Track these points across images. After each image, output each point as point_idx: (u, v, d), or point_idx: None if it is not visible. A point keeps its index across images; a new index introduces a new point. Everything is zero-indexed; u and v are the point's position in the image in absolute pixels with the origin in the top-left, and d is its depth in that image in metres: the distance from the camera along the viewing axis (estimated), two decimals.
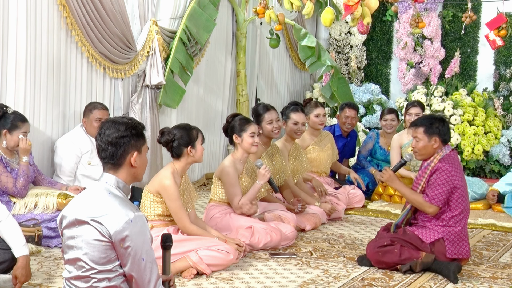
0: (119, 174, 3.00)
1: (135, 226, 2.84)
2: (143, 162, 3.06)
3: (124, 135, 2.97)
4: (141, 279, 2.87)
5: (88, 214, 2.88)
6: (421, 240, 4.64)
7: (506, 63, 9.73)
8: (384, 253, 4.64)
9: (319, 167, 6.72)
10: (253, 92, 8.98)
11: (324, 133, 6.85)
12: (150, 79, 6.84)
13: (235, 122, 5.19)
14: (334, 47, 10.40)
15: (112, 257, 2.87)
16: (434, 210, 4.66)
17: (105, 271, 2.87)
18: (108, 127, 2.99)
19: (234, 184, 5.11)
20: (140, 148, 3.03)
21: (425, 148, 4.72)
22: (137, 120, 3.10)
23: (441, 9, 9.98)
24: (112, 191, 2.94)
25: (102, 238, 2.84)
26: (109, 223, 2.83)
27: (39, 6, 5.70)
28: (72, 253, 2.93)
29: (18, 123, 5.03)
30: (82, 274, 2.89)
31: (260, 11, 6.61)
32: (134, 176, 3.05)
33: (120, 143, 2.96)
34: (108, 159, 2.98)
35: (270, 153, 5.87)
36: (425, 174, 4.71)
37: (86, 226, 2.87)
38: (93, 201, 2.92)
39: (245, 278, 4.41)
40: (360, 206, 6.86)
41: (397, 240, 4.66)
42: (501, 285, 4.45)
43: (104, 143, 2.97)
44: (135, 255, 2.84)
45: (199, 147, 4.61)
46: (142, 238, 2.86)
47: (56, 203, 5.08)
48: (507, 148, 9.05)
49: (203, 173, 8.18)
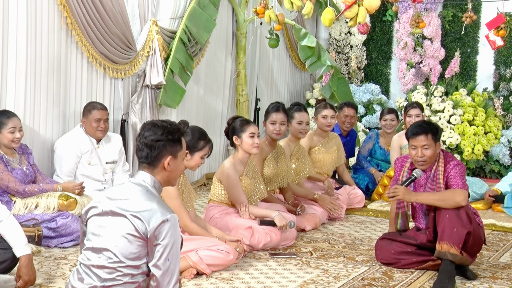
0: (155, 175, 3.09)
1: (170, 226, 2.91)
2: (178, 167, 3.13)
3: (160, 139, 3.06)
4: (162, 278, 2.93)
5: (126, 207, 2.95)
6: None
7: (506, 63, 9.74)
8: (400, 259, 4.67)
9: (322, 169, 6.71)
10: (253, 92, 8.97)
11: (332, 135, 6.84)
12: (150, 79, 6.84)
13: (235, 123, 5.19)
14: (334, 47, 10.40)
15: (142, 254, 2.93)
16: (465, 197, 4.43)
17: (132, 267, 2.93)
18: (147, 129, 3.09)
19: (235, 187, 5.10)
20: (176, 153, 3.10)
21: (434, 155, 4.57)
22: (178, 126, 3.17)
23: (441, 9, 9.98)
24: (150, 189, 3.03)
25: (136, 234, 2.91)
26: (147, 219, 2.90)
27: (39, 6, 5.70)
28: (99, 242, 2.97)
29: (4, 120, 5.00)
30: (109, 264, 2.93)
31: (260, 11, 6.61)
32: (168, 180, 3.13)
33: (155, 146, 3.05)
34: (143, 159, 3.09)
35: (275, 155, 5.86)
36: (438, 179, 4.57)
37: (122, 219, 2.94)
38: (132, 196, 2.99)
39: (245, 278, 4.41)
40: (361, 206, 6.86)
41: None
42: (501, 285, 4.45)
43: (141, 144, 3.08)
44: (162, 254, 2.91)
45: (196, 158, 4.59)
46: (173, 239, 2.93)
47: (57, 204, 5.07)
48: (507, 148, 9.05)
49: (203, 173, 8.18)
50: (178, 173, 3.16)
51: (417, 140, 4.54)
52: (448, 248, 4.32)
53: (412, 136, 4.59)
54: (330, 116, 6.60)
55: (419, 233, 4.68)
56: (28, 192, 5.05)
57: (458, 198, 4.42)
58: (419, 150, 4.55)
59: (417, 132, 4.57)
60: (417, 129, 4.59)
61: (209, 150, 4.65)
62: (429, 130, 4.55)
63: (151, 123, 3.13)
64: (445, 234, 4.36)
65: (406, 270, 4.68)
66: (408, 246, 4.68)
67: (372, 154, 7.58)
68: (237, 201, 5.12)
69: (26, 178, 5.15)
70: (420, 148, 4.54)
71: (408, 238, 4.71)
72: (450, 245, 4.32)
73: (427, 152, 4.53)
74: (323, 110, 6.62)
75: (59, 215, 5.04)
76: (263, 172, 5.71)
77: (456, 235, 4.33)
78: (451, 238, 4.33)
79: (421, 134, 4.54)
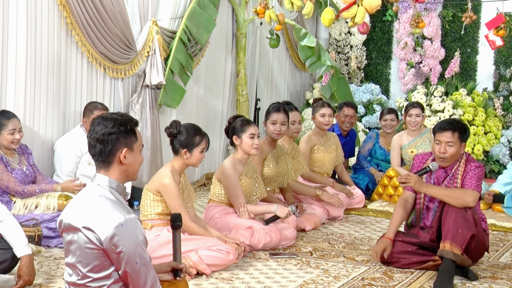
0: (111, 173, 2.91)
1: (125, 230, 2.74)
2: (136, 159, 2.94)
3: (111, 131, 2.86)
4: (137, 281, 2.80)
5: (79, 221, 2.80)
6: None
7: (506, 63, 9.73)
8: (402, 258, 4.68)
9: (322, 168, 6.72)
10: (253, 92, 8.97)
11: (330, 135, 6.85)
12: (150, 79, 6.84)
13: (236, 123, 5.19)
14: (334, 47, 10.40)
15: (106, 264, 2.80)
16: (475, 198, 4.42)
17: (101, 279, 2.81)
18: (97, 123, 2.89)
19: (235, 187, 5.11)
20: (131, 145, 2.91)
21: (457, 154, 4.55)
22: (129, 116, 2.97)
23: (441, 9, 9.98)
24: (104, 193, 2.85)
25: (93, 246, 2.76)
26: (99, 229, 2.74)
27: (39, 6, 5.70)
28: (71, 258, 2.88)
29: (3, 121, 5.01)
30: (78, 281, 2.84)
31: (260, 11, 6.61)
32: (126, 175, 2.94)
33: (108, 140, 2.86)
34: (98, 156, 2.90)
35: (275, 155, 5.87)
36: (456, 179, 4.58)
37: (79, 234, 2.80)
38: (85, 206, 2.84)
39: (245, 278, 4.41)
40: (361, 206, 6.86)
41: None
42: (501, 285, 4.45)
43: (93, 140, 2.89)
44: (128, 259, 2.76)
45: (196, 153, 4.59)
46: (133, 241, 2.76)
47: (57, 204, 5.08)
48: (507, 148, 9.05)
49: (203, 173, 8.18)
50: (137, 166, 2.95)
51: (443, 135, 4.54)
52: (451, 247, 4.33)
53: (439, 130, 4.59)
54: (328, 114, 6.60)
55: (422, 232, 4.68)
56: (27, 192, 5.05)
57: (468, 199, 4.43)
58: (442, 145, 4.55)
59: (444, 127, 4.56)
60: (445, 124, 4.60)
61: (207, 144, 4.63)
62: (456, 128, 4.54)
63: (101, 117, 2.91)
64: (449, 233, 4.36)
65: (406, 270, 4.68)
66: (409, 246, 4.68)
67: (372, 154, 7.58)
68: (235, 201, 5.12)
69: (26, 178, 5.15)
70: (444, 144, 4.54)
71: (411, 236, 4.71)
72: (453, 245, 4.33)
73: (450, 149, 4.52)
74: (320, 108, 6.63)
75: (59, 215, 5.01)
76: (263, 172, 5.71)
77: (460, 236, 4.34)
78: (456, 238, 4.34)
79: (448, 130, 4.53)
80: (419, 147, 6.98)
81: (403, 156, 7.11)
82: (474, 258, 4.52)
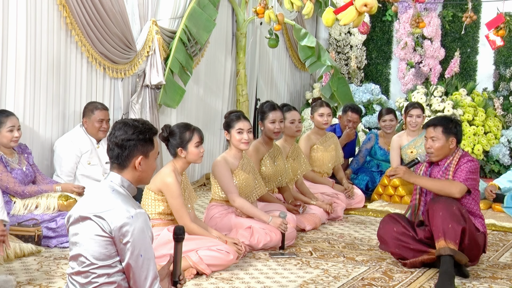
0: (124, 174, 3.04)
1: (135, 222, 2.87)
2: (149, 167, 3.08)
3: (130, 138, 3.01)
4: (138, 275, 2.89)
5: (91, 210, 2.92)
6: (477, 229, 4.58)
7: (506, 63, 9.74)
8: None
9: (321, 167, 6.72)
10: (253, 92, 8.98)
11: (329, 134, 6.86)
12: (150, 79, 6.85)
13: (228, 118, 5.21)
14: (334, 47, 10.40)
15: (112, 253, 2.90)
16: (461, 190, 4.52)
17: (105, 267, 2.90)
18: (118, 128, 3.04)
19: (225, 180, 5.09)
20: (147, 153, 3.05)
21: (442, 148, 4.66)
22: (150, 125, 3.10)
23: (441, 9, 9.98)
24: (116, 188, 2.99)
25: (103, 234, 2.87)
26: (111, 218, 2.86)
27: (39, 6, 5.70)
28: (75, 249, 2.96)
29: (2, 119, 5.01)
30: (82, 269, 2.91)
31: (260, 11, 6.61)
32: (139, 179, 3.09)
33: (126, 145, 3.00)
34: (114, 159, 3.04)
35: (272, 155, 5.86)
36: (448, 172, 4.65)
37: (88, 222, 2.91)
38: (97, 198, 2.97)
39: (245, 278, 4.41)
40: (361, 206, 6.86)
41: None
42: (501, 285, 4.45)
43: (112, 144, 3.03)
44: (133, 251, 2.86)
45: (191, 149, 4.58)
46: (142, 235, 2.88)
47: (57, 204, 5.07)
48: (507, 148, 9.05)
49: (203, 173, 8.18)
50: (150, 173, 3.11)
51: (427, 131, 4.74)
52: (446, 243, 4.37)
53: (425, 127, 4.83)
54: (327, 114, 6.61)
55: (419, 229, 4.72)
56: (27, 193, 5.05)
57: (453, 190, 4.53)
58: (428, 141, 4.71)
59: (428, 123, 4.78)
60: (430, 121, 4.81)
61: (199, 137, 4.61)
62: (438, 123, 4.69)
63: (122, 122, 3.06)
64: (441, 231, 4.41)
65: (406, 270, 4.68)
66: (410, 231, 4.71)
67: (372, 154, 7.58)
68: (227, 193, 5.10)
69: (25, 178, 5.15)
70: (429, 139, 4.70)
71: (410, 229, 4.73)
72: (448, 241, 4.38)
73: (434, 143, 4.66)
74: (319, 108, 6.63)
75: (59, 215, 5.04)
76: (260, 171, 5.71)
77: (452, 231, 4.39)
78: (448, 234, 4.38)
79: (430, 126, 4.72)
80: (419, 147, 6.98)
81: (403, 156, 7.11)
82: (469, 257, 4.53)
